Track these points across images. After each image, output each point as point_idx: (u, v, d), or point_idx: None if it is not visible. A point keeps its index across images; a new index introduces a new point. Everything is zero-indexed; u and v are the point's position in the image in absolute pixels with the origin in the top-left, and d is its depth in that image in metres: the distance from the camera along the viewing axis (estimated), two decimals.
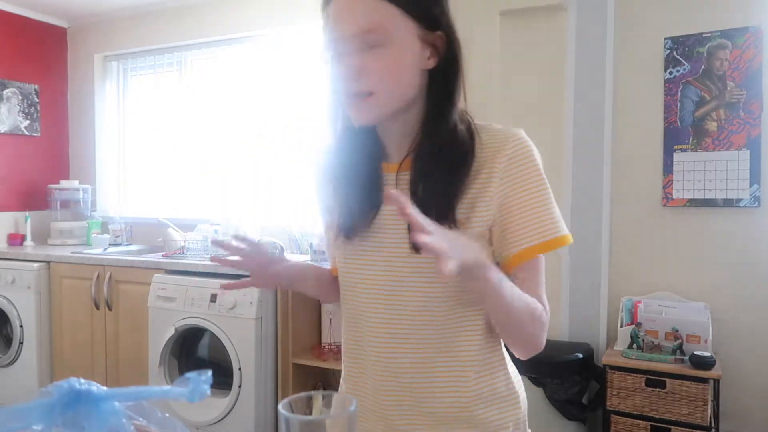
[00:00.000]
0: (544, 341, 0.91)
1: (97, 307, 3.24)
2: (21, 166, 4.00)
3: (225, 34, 3.66)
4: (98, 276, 3.22)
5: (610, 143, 2.57)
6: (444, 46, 0.90)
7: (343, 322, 1.01)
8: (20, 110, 3.97)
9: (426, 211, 0.77)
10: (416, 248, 0.84)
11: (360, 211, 0.92)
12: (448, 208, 0.86)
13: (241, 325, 2.62)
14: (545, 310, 0.90)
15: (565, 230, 0.90)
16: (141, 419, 0.62)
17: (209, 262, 2.89)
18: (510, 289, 0.83)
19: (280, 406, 0.66)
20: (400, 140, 0.93)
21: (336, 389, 1.13)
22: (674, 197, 2.48)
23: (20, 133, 3.97)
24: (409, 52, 0.86)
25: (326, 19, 0.88)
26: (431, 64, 0.89)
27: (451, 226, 0.85)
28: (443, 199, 0.86)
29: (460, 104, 0.91)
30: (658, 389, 2.17)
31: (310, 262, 1.16)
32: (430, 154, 0.88)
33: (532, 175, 0.88)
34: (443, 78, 0.89)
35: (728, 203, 2.39)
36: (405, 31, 0.86)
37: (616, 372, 2.24)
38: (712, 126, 2.41)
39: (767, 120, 2.33)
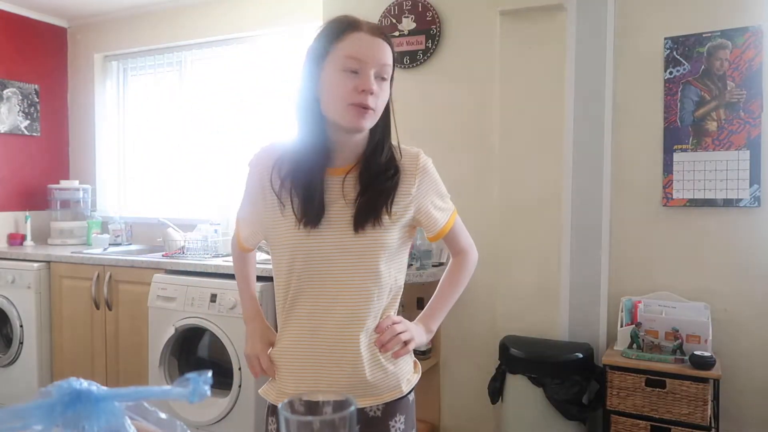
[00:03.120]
0: (476, 258, 1.42)
1: (97, 307, 3.24)
2: (21, 166, 4.00)
3: (225, 34, 3.67)
4: (98, 276, 3.22)
5: (610, 143, 2.57)
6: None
7: (287, 286, 1.25)
8: (20, 110, 3.97)
9: (372, 207, 1.18)
10: (356, 229, 1.18)
11: (315, 206, 1.18)
12: (386, 205, 1.19)
13: (241, 325, 2.61)
14: (471, 252, 1.40)
15: (453, 207, 1.36)
16: (141, 419, 0.62)
17: (209, 262, 2.89)
18: (448, 301, 1.41)
19: (280, 406, 0.66)
20: (349, 153, 1.21)
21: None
22: (674, 197, 2.48)
23: (20, 133, 3.98)
24: (388, 86, 1.20)
25: (350, 41, 1.14)
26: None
27: (386, 216, 1.19)
28: (384, 200, 1.19)
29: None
30: (658, 389, 2.17)
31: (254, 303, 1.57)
32: (376, 167, 1.20)
33: (434, 179, 1.28)
34: (387, 115, 1.23)
35: (728, 203, 2.39)
36: (391, 73, 1.20)
37: (616, 372, 2.24)
38: (712, 126, 2.41)
39: (767, 120, 2.33)
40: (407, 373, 1.30)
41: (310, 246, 1.19)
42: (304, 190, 1.18)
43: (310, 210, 1.17)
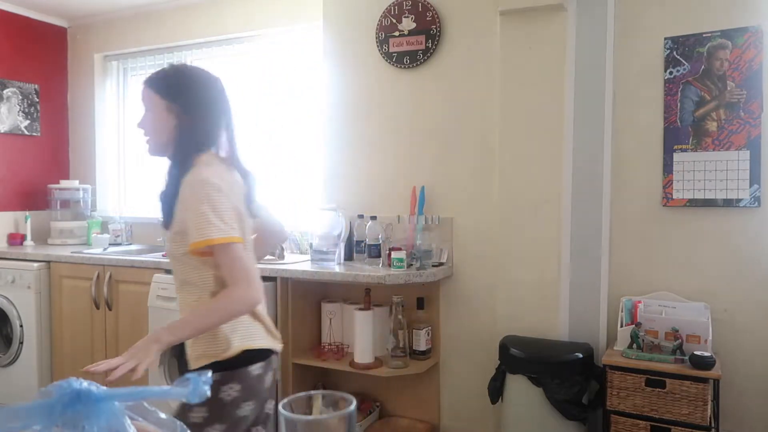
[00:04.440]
0: (254, 299, 1.43)
1: (97, 307, 3.24)
2: (21, 166, 4.00)
3: (225, 34, 3.66)
4: (98, 276, 3.22)
5: (610, 143, 2.57)
6: (181, 112, 1.51)
7: None
8: (20, 110, 3.97)
9: (167, 214, 1.51)
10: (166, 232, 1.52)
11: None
12: (169, 213, 1.50)
13: None
14: (233, 287, 1.42)
15: (209, 236, 1.41)
16: (141, 419, 0.62)
17: None
18: (187, 323, 1.43)
19: (280, 406, 0.66)
20: None
21: (336, 388, 1.25)
22: (674, 197, 2.48)
23: (20, 133, 3.98)
24: (156, 115, 1.51)
25: None
26: (173, 122, 1.51)
27: (166, 225, 1.51)
28: (163, 209, 1.52)
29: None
30: (658, 389, 2.17)
31: None
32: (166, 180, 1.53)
33: (193, 200, 1.43)
34: (180, 130, 1.52)
35: (728, 203, 2.39)
36: (155, 104, 1.50)
37: (616, 372, 2.24)
38: (712, 126, 2.41)
39: (767, 120, 2.33)
40: (206, 349, 1.48)
41: None
42: None
43: None
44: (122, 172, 4.22)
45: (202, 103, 1.51)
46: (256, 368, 1.49)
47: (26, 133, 4.01)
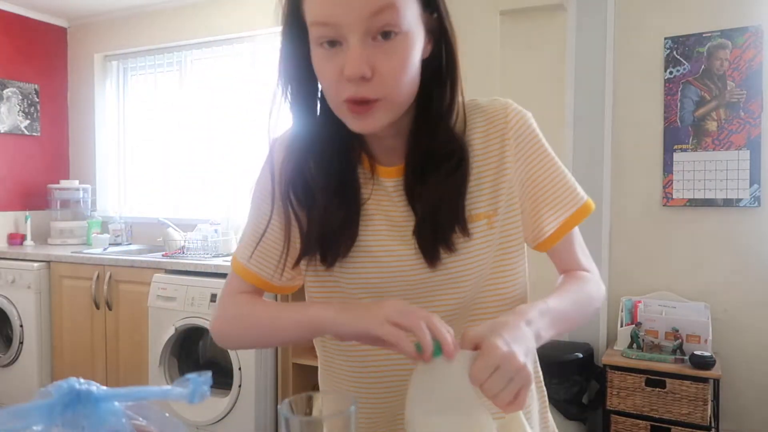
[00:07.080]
0: (604, 292, 0.91)
1: (97, 307, 3.24)
2: (21, 166, 4.00)
3: (225, 34, 3.66)
4: (98, 276, 3.22)
5: (610, 143, 2.57)
6: (438, 30, 0.78)
7: (330, 350, 0.94)
8: (20, 110, 3.97)
9: (439, 217, 0.76)
10: (433, 264, 0.78)
11: (341, 229, 0.78)
12: (458, 211, 0.77)
13: None
14: (592, 273, 0.90)
15: (585, 196, 0.86)
16: (141, 419, 0.62)
17: (209, 262, 2.89)
18: (566, 310, 0.79)
19: (280, 406, 0.66)
20: (394, 141, 0.80)
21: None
22: (674, 197, 2.48)
23: (20, 132, 3.97)
24: (416, 40, 0.71)
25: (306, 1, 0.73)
26: (427, 52, 0.76)
27: (463, 225, 0.78)
28: (456, 205, 0.77)
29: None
30: (658, 389, 2.17)
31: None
32: (432, 159, 0.77)
33: (541, 151, 0.83)
34: (443, 69, 0.77)
35: (728, 203, 2.39)
36: (411, 13, 0.70)
37: (616, 372, 2.24)
38: (712, 126, 2.41)
39: (767, 120, 2.33)
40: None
41: (343, 284, 0.93)
42: (315, 207, 0.87)
43: (328, 240, 0.87)
44: (122, 172, 4.22)
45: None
46: None
47: (26, 132, 4.01)
